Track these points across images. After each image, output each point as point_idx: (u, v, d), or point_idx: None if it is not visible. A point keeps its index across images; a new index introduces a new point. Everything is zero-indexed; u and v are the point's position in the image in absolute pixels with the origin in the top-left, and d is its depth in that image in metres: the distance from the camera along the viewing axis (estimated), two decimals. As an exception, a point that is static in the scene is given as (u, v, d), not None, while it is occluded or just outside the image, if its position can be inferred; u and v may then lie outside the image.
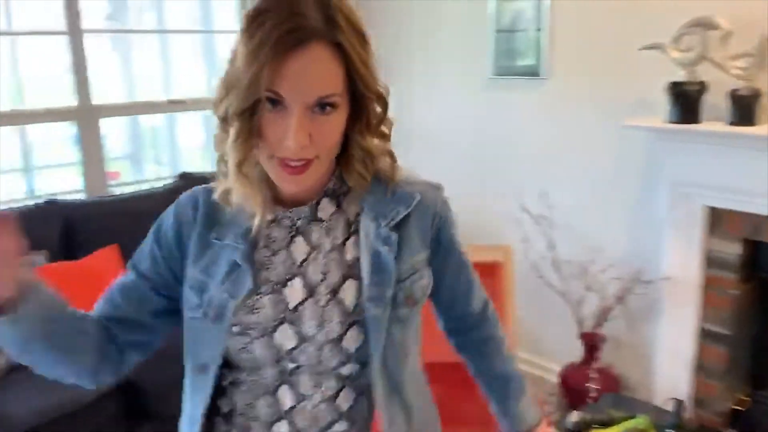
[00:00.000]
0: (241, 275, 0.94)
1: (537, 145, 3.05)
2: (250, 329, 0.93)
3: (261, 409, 0.98)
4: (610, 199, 2.82)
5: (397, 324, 0.97)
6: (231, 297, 0.93)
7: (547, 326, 3.13)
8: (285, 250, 0.96)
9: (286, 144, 0.84)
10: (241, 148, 0.86)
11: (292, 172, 0.87)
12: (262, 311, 0.93)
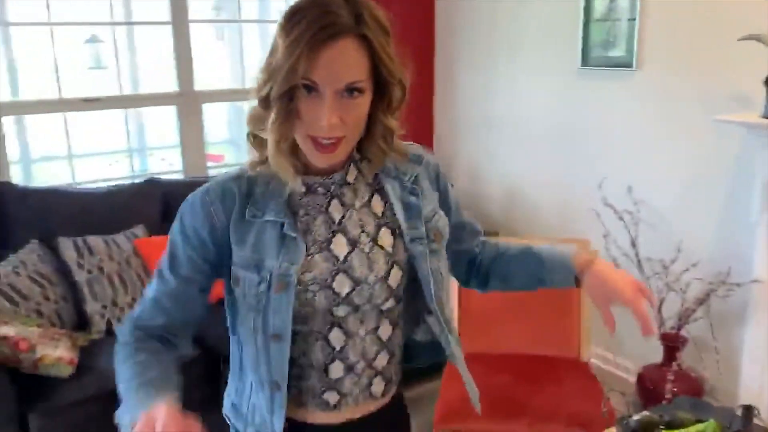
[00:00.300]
0: (292, 244, 1.05)
1: (624, 138, 2.96)
2: (311, 285, 1.06)
3: (316, 354, 1.11)
4: (698, 196, 2.71)
5: (433, 257, 1.14)
6: (291, 264, 1.04)
7: (627, 325, 3.04)
8: (324, 214, 1.09)
9: (320, 124, 0.97)
10: (280, 128, 0.99)
11: (324, 150, 1.01)
12: (316, 268, 1.06)
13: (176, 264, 1.09)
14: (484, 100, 3.69)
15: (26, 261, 2.54)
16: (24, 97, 3.35)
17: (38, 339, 2.23)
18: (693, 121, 2.67)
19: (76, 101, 3.09)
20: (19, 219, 2.70)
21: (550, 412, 2.19)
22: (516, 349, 2.57)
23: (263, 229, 1.05)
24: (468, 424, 2.20)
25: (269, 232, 1.05)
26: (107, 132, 3.88)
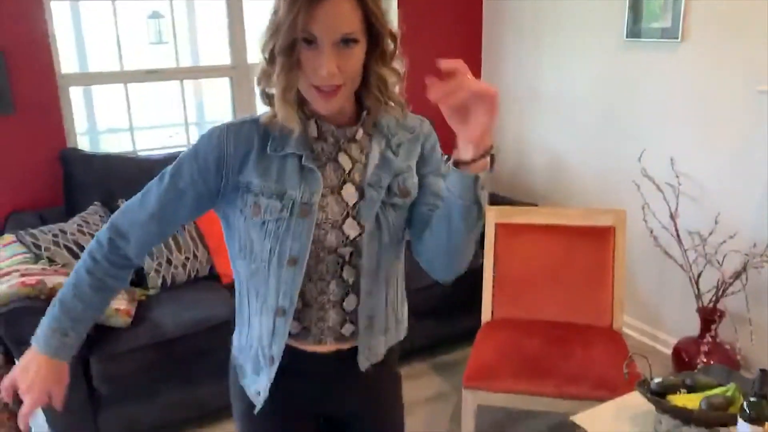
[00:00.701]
0: (311, 175, 1.17)
1: (667, 110, 2.94)
2: (323, 224, 1.18)
3: (333, 289, 1.23)
4: (740, 168, 2.68)
5: (392, 209, 1.22)
6: (313, 193, 1.16)
7: (664, 297, 3.05)
8: (333, 162, 1.20)
9: (320, 73, 1.07)
10: (285, 79, 1.10)
11: (325, 96, 1.11)
12: (328, 208, 1.18)
13: (178, 175, 1.19)
14: (530, 73, 3.70)
15: (89, 221, 2.75)
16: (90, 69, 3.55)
17: (99, 291, 2.43)
18: (737, 93, 2.63)
19: (138, 73, 3.27)
20: (83, 182, 2.91)
21: (577, 375, 2.25)
22: (549, 316, 2.63)
23: (284, 162, 1.17)
24: (494, 383, 2.28)
25: (290, 164, 1.17)
26: (167, 105, 4.07)
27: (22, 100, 2.93)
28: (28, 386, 1.21)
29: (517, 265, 2.71)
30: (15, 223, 2.84)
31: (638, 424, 1.88)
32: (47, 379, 1.22)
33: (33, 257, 2.53)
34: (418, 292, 2.92)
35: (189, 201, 1.20)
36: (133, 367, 2.40)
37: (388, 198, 1.21)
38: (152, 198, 1.22)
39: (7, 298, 2.21)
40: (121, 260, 1.25)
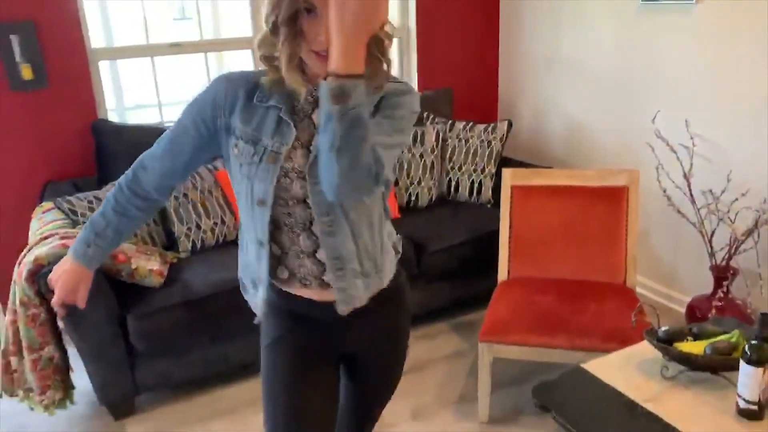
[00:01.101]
0: (287, 128, 1.29)
1: (682, 72, 2.97)
2: (290, 173, 1.30)
3: (303, 241, 1.36)
4: (752, 129, 2.71)
5: None
6: (283, 144, 1.29)
7: (678, 257, 3.11)
8: (308, 118, 1.31)
9: (320, 39, 1.17)
10: (289, 46, 1.20)
11: (324, 60, 1.17)
12: (295, 160, 1.30)
13: (184, 115, 1.37)
14: (547, 39, 3.73)
15: (122, 188, 2.88)
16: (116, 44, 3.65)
17: (134, 254, 2.57)
18: (753, 55, 2.65)
19: (163, 46, 3.38)
20: (115, 152, 3.03)
21: (589, 328, 2.34)
22: (563, 275, 2.71)
23: (266, 113, 1.30)
24: (510, 336, 2.38)
25: (270, 115, 1.30)
26: (190, 80, 4.17)
27: (55, 73, 3.06)
28: (57, 278, 1.49)
29: (533, 226, 2.79)
30: (52, 191, 2.99)
31: (646, 371, 1.96)
32: (72, 277, 1.48)
33: (70, 223, 2.68)
34: (436, 254, 3.04)
35: (191, 136, 1.36)
36: (166, 324, 2.54)
37: None
38: (166, 137, 1.43)
39: (49, 257, 2.36)
40: (141, 191, 1.45)
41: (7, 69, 2.96)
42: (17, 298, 2.41)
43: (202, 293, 2.60)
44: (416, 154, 3.39)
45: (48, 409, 2.51)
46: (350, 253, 1.37)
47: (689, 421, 1.74)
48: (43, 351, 2.46)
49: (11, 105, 3.01)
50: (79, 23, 3.07)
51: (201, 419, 2.60)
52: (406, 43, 3.95)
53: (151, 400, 2.71)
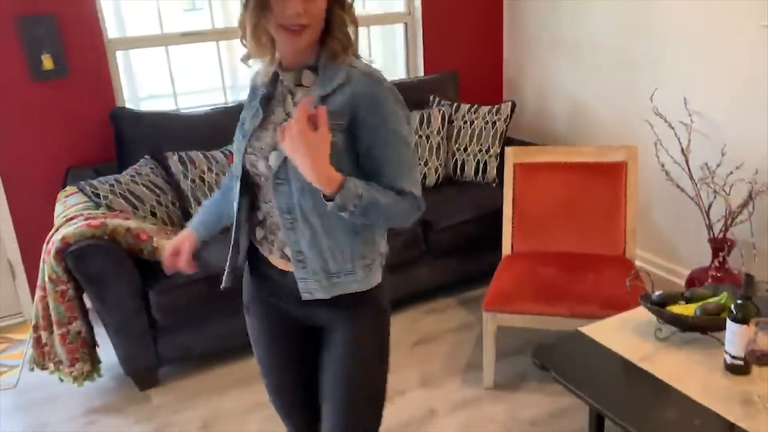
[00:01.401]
0: (257, 111, 1.45)
1: (678, 50, 3.06)
2: (256, 152, 1.44)
3: (273, 210, 1.45)
4: (747, 102, 2.79)
5: None
6: (253, 124, 1.45)
7: (678, 230, 3.21)
8: (281, 105, 1.44)
9: (288, 13, 1.28)
10: (254, 16, 1.31)
11: (292, 34, 1.32)
12: (264, 140, 1.43)
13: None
14: (549, 21, 3.82)
15: (141, 172, 3.02)
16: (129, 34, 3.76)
17: (155, 233, 2.70)
18: (744, 29, 2.73)
19: (175, 36, 3.50)
20: (133, 138, 3.16)
21: (588, 296, 2.45)
22: (565, 248, 2.82)
23: (255, 98, 1.48)
24: (512, 306, 2.50)
25: (255, 100, 1.47)
26: (201, 70, 4.29)
27: (75, 64, 3.19)
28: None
29: (535, 202, 2.90)
30: (74, 177, 3.12)
31: (640, 333, 2.07)
32: (181, 237, 1.71)
33: (93, 205, 2.81)
34: (443, 231, 3.16)
35: None
36: (186, 299, 2.68)
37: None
38: None
39: (75, 237, 2.50)
40: None
41: (29, 59, 3.09)
42: (46, 275, 2.55)
43: (220, 269, 2.73)
44: (423, 135, 3.50)
45: (77, 381, 2.66)
46: (311, 251, 1.42)
47: (680, 378, 1.85)
48: (71, 325, 2.60)
49: (33, 94, 3.15)
50: (97, 15, 3.20)
51: (220, 389, 2.74)
52: (412, 27, 4.05)
53: (173, 371, 2.86)
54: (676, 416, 1.75)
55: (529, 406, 2.52)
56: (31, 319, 2.71)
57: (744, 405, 1.72)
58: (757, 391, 1.75)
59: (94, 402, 2.73)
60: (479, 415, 2.49)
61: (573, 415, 2.43)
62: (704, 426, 1.69)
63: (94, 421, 2.61)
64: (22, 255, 3.34)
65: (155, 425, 2.56)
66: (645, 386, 1.87)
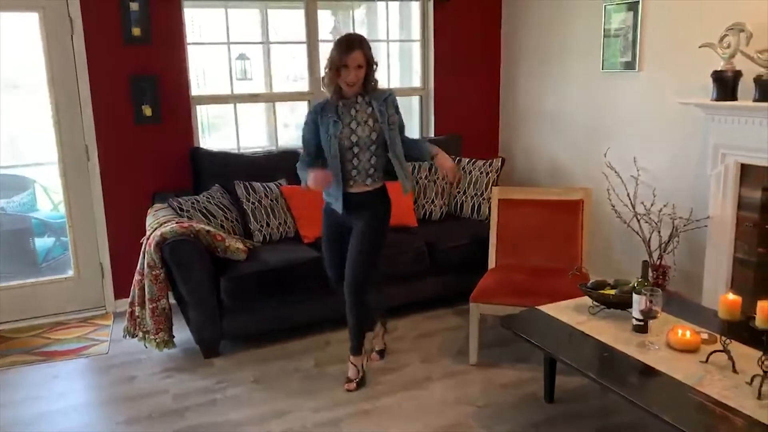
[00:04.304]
0: (338, 124, 3.06)
1: (630, 120, 4.01)
2: (343, 137, 3.05)
3: (349, 167, 3.10)
4: (679, 160, 3.70)
5: (391, 130, 3.12)
6: (336, 131, 3.05)
7: (628, 258, 4.06)
8: (348, 114, 3.07)
9: (350, 79, 2.99)
10: (332, 82, 3.03)
11: (350, 87, 3.02)
12: (345, 131, 3.07)
13: (305, 130, 3.18)
14: (536, 100, 4.82)
15: (214, 195, 3.94)
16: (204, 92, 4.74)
17: (226, 236, 3.59)
18: (675, 106, 3.66)
19: (244, 96, 4.51)
20: (207, 170, 4.11)
21: (549, 293, 3.26)
22: (535, 263, 3.67)
23: (329, 121, 3.07)
24: (492, 299, 3.34)
25: (330, 121, 3.07)
26: (261, 123, 5.25)
27: (166, 113, 4.18)
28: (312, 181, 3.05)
29: (513, 228, 3.78)
30: (159, 198, 4.05)
31: (578, 310, 2.92)
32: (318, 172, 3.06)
33: (178, 216, 3.72)
34: (445, 251, 4.03)
35: (312, 140, 3.14)
36: (247, 287, 3.53)
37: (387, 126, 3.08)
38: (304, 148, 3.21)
39: (170, 234, 3.39)
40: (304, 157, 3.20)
41: (134, 108, 4.09)
42: (145, 262, 3.43)
43: (273, 267, 3.61)
44: (431, 180, 4.43)
45: (159, 346, 3.49)
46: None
47: (601, 334, 2.69)
48: (159, 302, 3.46)
49: (135, 135, 4.13)
50: (187, 76, 4.21)
51: (268, 360, 3.56)
52: (426, 99, 5.05)
53: (231, 346, 3.69)
54: (595, 353, 2.58)
55: (502, 376, 3.31)
56: (112, 311, 3.57)
57: (639, 347, 2.55)
58: (650, 339, 2.58)
59: (170, 364, 3.55)
60: (464, 381, 3.29)
61: (532, 383, 3.23)
62: (610, 356, 2.51)
63: (170, 375, 3.43)
64: (111, 260, 4.23)
65: (218, 379, 3.37)
66: (578, 339, 2.70)
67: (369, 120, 3.05)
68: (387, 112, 3.06)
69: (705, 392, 2.19)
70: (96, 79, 3.99)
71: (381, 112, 3.04)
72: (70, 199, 4.15)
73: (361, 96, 3.05)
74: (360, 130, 3.03)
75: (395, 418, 2.96)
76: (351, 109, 3.04)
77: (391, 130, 3.08)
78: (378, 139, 3.06)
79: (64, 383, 3.39)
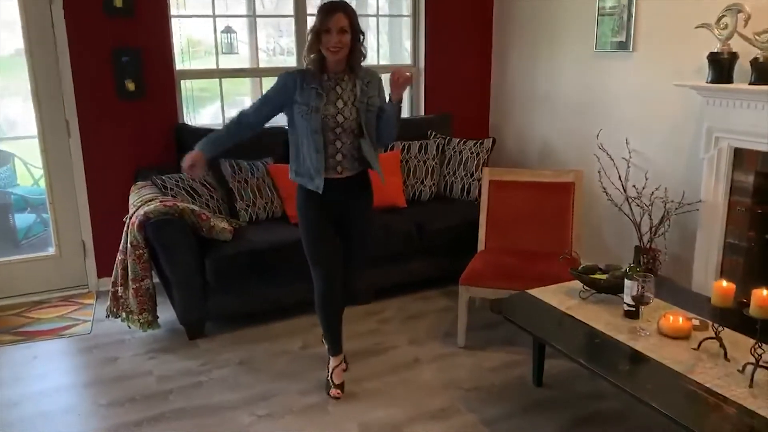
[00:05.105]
0: (321, 97, 2.73)
1: (623, 101, 3.96)
2: (327, 115, 2.73)
3: (331, 150, 2.78)
4: (672, 143, 3.66)
5: (369, 113, 2.81)
6: (318, 104, 2.72)
7: (618, 241, 4.03)
8: (333, 90, 2.75)
9: (332, 42, 2.66)
10: (314, 48, 2.71)
11: (333, 54, 2.68)
12: (330, 109, 2.73)
13: (268, 93, 2.82)
14: (527, 80, 4.74)
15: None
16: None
17: (211, 216, 3.52)
18: (669, 88, 3.61)
19: (229, 70, 4.40)
20: (191, 147, 3.97)
21: (538, 277, 3.24)
22: (525, 246, 3.63)
23: (311, 92, 2.73)
24: (481, 282, 3.30)
25: (312, 93, 2.73)
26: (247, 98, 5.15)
27: (151, 88, 4.07)
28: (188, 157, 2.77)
29: (504, 211, 3.73)
30: (142, 175, 3.96)
31: (568, 294, 2.89)
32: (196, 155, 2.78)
33: (162, 194, 3.64)
34: (434, 233, 3.98)
35: (274, 101, 2.81)
36: (232, 266, 3.47)
37: (365, 107, 2.80)
38: (258, 102, 2.86)
39: (154, 213, 3.31)
40: (245, 120, 2.83)
41: (116, 83, 3.97)
42: (128, 242, 3.35)
43: (260, 247, 3.55)
44: (421, 160, 4.36)
45: (142, 326, 3.43)
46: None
47: (591, 319, 2.65)
48: (143, 282, 3.39)
49: (117, 110, 4.02)
50: (171, 50, 4.10)
51: (254, 341, 3.51)
52: (416, 76, 4.96)
53: (217, 327, 3.64)
54: (585, 338, 2.55)
55: (490, 360, 3.29)
56: (94, 289, 3.50)
57: (629, 333, 2.53)
58: (641, 325, 2.55)
59: (154, 345, 3.49)
60: (452, 363, 3.26)
61: (520, 366, 3.21)
62: (601, 342, 2.48)
63: (154, 357, 3.37)
64: (93, 238, 4.14)
65: (203, 361, 3.32)
66: (568, 324, 2.67)
67: (355, 101, 2.77)
68: (369, 92, 2.79)
69: (696, 380, 2.17)
70: (77, 51, 3.86)
71: (363, 91, 2.76)
72: (51, 175, 4.04)
73: (347, 73, 2.76)
74: (347, 111, 2.74)
75: (383, 401, 2.93)
76: (337, 86, 2.74)
77: (369, 111, 2.78)
78: (359, 120, 2.81)
79: (44, 364, 3.32)
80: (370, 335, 3.55)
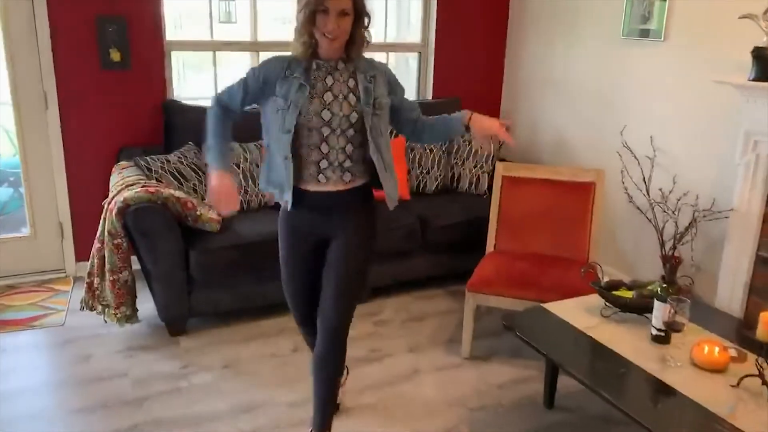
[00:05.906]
0: (303, 90, 2.11)
1: (650, 95, 3.64)
2: (310, 111, 2.10)
3: (315, 156, 2.16)
4: (703, 144, 3.36)
5: (375, 116, 2.18)
6: (300, 99, 2.10)
7: (637, 247, 3.75)
8: (322, 81, 2.14)
9: (328, 28, 2.03)
10: (304, 30, 2.08)
11: (329, 42, 2.08)
12: (314, 103, 2.11)
13: (245, 80, 2.20)
14: (543, 66, 4.41)
15: (186, 155, 3.54)
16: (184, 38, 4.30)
17: (199, 204, 3.22)
18: (704, 84, 3.30)
19: (222, 43, 4.06)
20: (180, 127, 3.69)
21: (552, 286, 2.97)
22: (538, 249, 3.35)
23: (292, 82, 2.12)
24: (491, 289, 3.02)
25: (294, 84, 2.12)
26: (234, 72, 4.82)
27: (137, 59, 3.74)
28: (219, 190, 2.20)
29: (517, 210, 3.44)
30: (126, 154, 3.65)
31: (589, 311, 2.61)
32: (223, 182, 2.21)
33: (146, 178, 3.33)
34: (438, 229, 3.69)
35: (251, 88, 2.20)
36: (219, 261, 3.18)
37: (373, 110, 2.18)
38: (236, 85, 2.23)
39: (135, 199, 3.01)
40: (225, 104, 2.26)
41: (100, 52, 3.64)
42: (106, 230, 3.06)
43: (250, 240, 3.25)
44: (427, 148, 4.05)
45: (119, 321, 3.15)
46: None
47: (615, 343, 2.38)
48: (121, 274, 3.10)
49: (100, 81, 3.69)
50: (161, 18, 3.76)
51: (240, 341, 3.24)
52: (425, 56, 4.63)
53: (201, 323, 3.36)
54: (607, 366, 2.28)
55: (497, 374, 3.03)
56: (72, 275, 3.20)
57: (659, 362, 2.25)
58: (671, 354, 2.28)
59: (131, 342, 3.21)
60: (456, 377, 3.00)
61: (532, 382, 2.95)
62: (626, 373, 2.21)
63: (132, 356, 3.10)
64: (72, 219, 3.84)
65: (184, 363, 3.05)
66: (587, 346, 2.40)
67: (349, 95, 2.14)
68: (375, 91, 2.16)
69: (737, 426, 1.91)
70: (56, 17, 3.52)
71: (366, 90, 2.15)
72: (26, 149, 3.72)
73: (343, 62, 2.17)
74: (336, 107, 2.12)
75: (379, 419, 2.67)
76: (327, 77, 2.13)
77: (376, 115, 2.17)
78: (357, 124, 2.15)
79: (11, 359, 3.05)
80: (366, 340, 3.28)
